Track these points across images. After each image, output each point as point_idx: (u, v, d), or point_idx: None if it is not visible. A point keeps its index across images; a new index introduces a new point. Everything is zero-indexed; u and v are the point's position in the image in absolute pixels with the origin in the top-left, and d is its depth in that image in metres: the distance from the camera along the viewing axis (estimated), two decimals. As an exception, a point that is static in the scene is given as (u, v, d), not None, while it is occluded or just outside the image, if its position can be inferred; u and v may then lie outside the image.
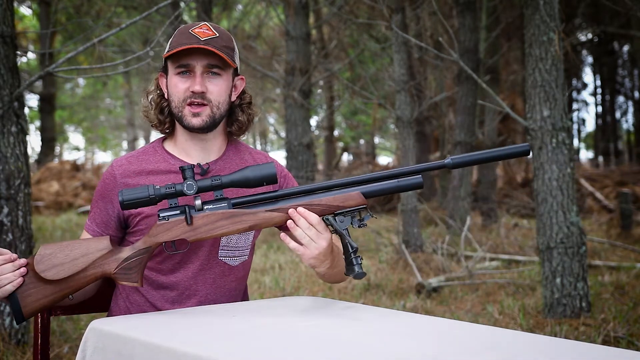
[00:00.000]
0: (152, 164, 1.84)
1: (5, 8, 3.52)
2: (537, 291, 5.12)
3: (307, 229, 1.62)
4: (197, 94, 1.76)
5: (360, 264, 1.59)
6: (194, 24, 1.81)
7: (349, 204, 1.62)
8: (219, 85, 1.80)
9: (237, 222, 1.63)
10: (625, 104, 26.74)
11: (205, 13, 8.80)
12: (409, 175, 1.61)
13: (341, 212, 1.62)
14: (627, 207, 8.46)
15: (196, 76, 1.77)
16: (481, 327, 1.55)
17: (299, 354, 1.32)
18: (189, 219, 1.63)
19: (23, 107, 3.62)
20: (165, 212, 1.66)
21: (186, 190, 1.63)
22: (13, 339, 3.52)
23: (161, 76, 1.87)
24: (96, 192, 1.85)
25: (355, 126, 19.21)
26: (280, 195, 1.65)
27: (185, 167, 1.65)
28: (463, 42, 8.69)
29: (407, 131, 7.02)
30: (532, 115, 4.32)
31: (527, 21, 4.35)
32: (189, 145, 1.85)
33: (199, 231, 1.64)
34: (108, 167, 1.86)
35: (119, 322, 1.62)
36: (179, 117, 1.80)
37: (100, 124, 29.63)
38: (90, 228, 1.84)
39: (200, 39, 1.75)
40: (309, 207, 1.62)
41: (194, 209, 1.65)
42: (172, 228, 1.65)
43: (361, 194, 1.62)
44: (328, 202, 1.62)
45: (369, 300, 5.06)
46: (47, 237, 8.88)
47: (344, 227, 1.61)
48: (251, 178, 1.63)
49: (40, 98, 16.64)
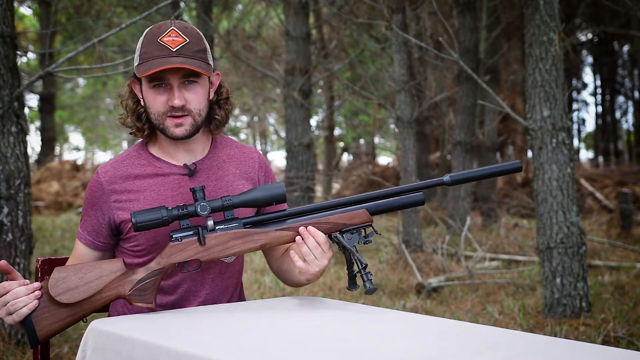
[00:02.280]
0: (138, 168, 1.83)
1: (5, 8, 3.52)
2: (537, 291, 5.12)
3: (314, 247, 1.66)
4: (178, 108, 1.75)
5: (370, 280, 1.62)
6: (162, 27, 1.76)
7: (355, 221, 1.67)
8: (197, 92, 1.77)
9: (249, 242, 1.67)
10: (625, 104, 26.75)
11: (205, 13, 8.80)
12: (410, 192, 1.68)
13: (348, 230, 1.66)
14: (627, 207, 8.46)
15: (173, 89, 1.74)
16: (481, 327, 1.55)
17: (299, 354, 1.32)
18: (202, 240, 1.66)
19: (23, 107, 3.62)
20: (178, 233, 1.68)
21: (199, 211, 1.65)
22: (13, 339, 3.52)
23: (134, 82, 1.83)
24: (85, 201, 1.84)
25: (356, 126, 19.21)
26: (289, 214, 1.69)
27: (196, 189, 1.67)
28: (463, 42, 8.69)
29: (407, 131, 7.02)
30: (532, 115, 4.32)
31: (527, 21, 4.35)
32: (173, 149, 1.84)
33: (212, 251, 1.67)
34: (94, 175, 1.84)
35: (119, 322, 1.62)
36: (161, 128, 1.78)
37: (100, 124, 29.62)
38: (82, 237, 1.83)
39: (172, 49, 1.71)
40: (317, 225, 1.66)
41: (206, 230, 1.67)
42: (185, 249, 1.67)
43: (367, 212, 1.67)
44: (335, 220, 1.66)
45: (369, 300, 5.06)
46: (47, 237, 8.88)
47: (352, 244, 1.66)
48: (260, 198, 1.68)
49: (40, 98, 16.65)
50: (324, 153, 18.26)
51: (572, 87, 21.13)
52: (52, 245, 8.06)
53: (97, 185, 1.82)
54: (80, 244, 1.84)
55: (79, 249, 1.85)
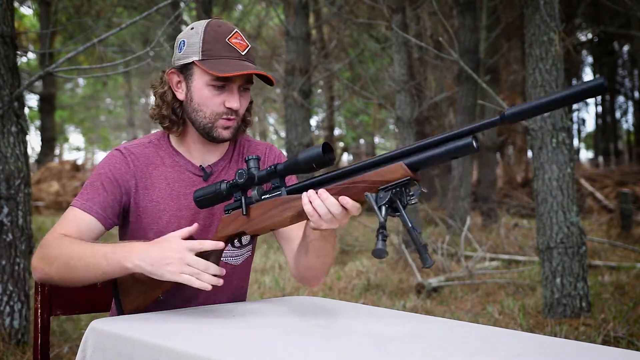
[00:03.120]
0: (159, 158, 1.81)
1: (5, 8, 3.52)
2: (537, 291, 5.12)
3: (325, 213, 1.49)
4: (234, 111, 1.74)
5: (383, 240, 1.38)
6: (223, 27, 1.74)
7: (389, 177, 1.41)
8: (247, 99, 1.79)
9: (287, 209, 1.55)
10: (625, 104, 26.77)
11: (205, 13, 8.80)
12: (458, 139, 1.34)
13: (384, 187, 1.41)
14: (627, 207, 8.46)
15: (233, 93, 1.73)
16: (481, 327, 1.55)
17: (299, 354, 1.32)
18: (244, 210, 1.61)
19: (23, 107, 3.62)
20: (230, 206, 1.65)
21: (237, 178, 1.61)
22: (13, 339, 3.52)
23: (173, 73, 1.77)
24: (100, 175, 1.75)
25: (356, 126, 19.22)
26: (326, 179, 1.52)
27: (249, 158, 1.61)
28: (463, 42, 8.69)
29: (407, 131, 7.02)
30: (532, 115, 4.31)
31: (527, 21, 4.35)
32: (197, 147, 1.82)
33: (254, 222, 1.60)
34: (114, 152, 1.78)
35: (119, 322, 1.62)
36: (208, 127, 1.75)
37: (100, 124, 29.64)
38: (92, 209, 1.71)
39: (241, 52, 1.72)
40: (352, 185, 1.46)
41: (252, 200, 1.61)
42: (233, 221, 1.63)
43: (404, 165, 1.39)
44: (369, 178, 1.43)
45: (369, 300, 5.06)
46: (47, 237, 8.87)
47: (381, 203, 1.39)
48: (300, 161, 1.53)
49: (40, 98, 16.65)
50: (324, 153, 18.24)
51: (572, 87, 21.08)
52: (52, 245, 8.05)
53: (122, 162, 1.76)
54: (87, 216, 1.71)
55: (84, 221, 1.71)
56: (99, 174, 1.76)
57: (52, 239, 1.67)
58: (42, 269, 1.66)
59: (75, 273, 1.62)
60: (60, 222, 1.72)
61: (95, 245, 1.63)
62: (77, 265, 1.61)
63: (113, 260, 1.57)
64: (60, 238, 1.66)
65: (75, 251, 1.61)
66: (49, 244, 1.67)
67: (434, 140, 1.37)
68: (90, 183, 1.75)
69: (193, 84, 1.74)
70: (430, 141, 1.37)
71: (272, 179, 1.59)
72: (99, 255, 1.59)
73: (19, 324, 3.54)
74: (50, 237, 1.68)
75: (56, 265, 1.63)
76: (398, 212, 1.40)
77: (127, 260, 1.56)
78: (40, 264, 1.66)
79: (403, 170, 1.39)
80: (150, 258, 1.54)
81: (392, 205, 1.40)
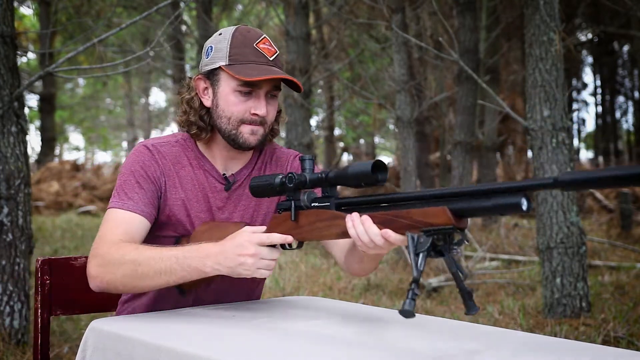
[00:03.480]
0: (185, 158, 1.78)
1: (5, 8, 3.52)
2: (537, 291, 5.12)
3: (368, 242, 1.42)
4: (260, 117, 1.70)
5: (412, 299, 1.24)
6: (251, 32, 1.72)
7: (432, 220, 1.30)
8: (275, 106, 1.75)
9: (333, 226, 1.48)
10: (625, 104, 26.78)
11: (205, 13, 8.80)
12: (508, 194, 1.22)
13: (426, 230, 1.31)
14: (627, 207, 8.46)
15: (260, 99, 1.69)
16: (481, 327, 1.55)
17: (299, 354, 1.32)
18: (292, 216, 1.55)
19: (23, 107, 3.62)
20: (282, 205, 1.59)
21: (282, 180, 1.56)
22: (13, 339, 3.52)
23: (199, 80, 1.75)
24: (134, 173, 1.71)
25: (356, 126, 19.22)
26: (373, 201, 1.45)
27: (305, 158, 1.57)
28: (463, 42, 8.68)
29: (407, 131, 7.02)
30: (532, 115, 4.32)
31: (527, 21, 4.35)
32: (222, 154, 1.79)
33: (302, 230, 1.54)
34: (141, 149, 1.75)
35: (119, 322, 1.62)
36: (233, 133, 1.71)
37: (100, 124, 29.64)
38: (137, 208, 1.68)
39: (269, 58, 1.69)
40: (396, 218, 1.37)
41: (302, 206, 1.54)
42: (281, 223, 1.57)
43: (448, 212, 1.28)
44: (413, 215, 1.34)
45: (369, 300, 5.06)
46: (47, 237, 8.88)
47: (420, 250, 1.27)
48: (350, 176, 1.44)
49: (40, 98, 16.66)
50: (324, 153, 18.27)
51: (572, 87, 21.13)
52: (52, 245, 8.06)
53: (151, 159, 1.73)
54: (133, 216, 1.68)
55: (132, 221, 1.68)
56: (131, 172, 1.72)
57: (108, 245, 1.62)
58: (104, 277, 1.61)
59: (144, 279, 1.58)
60: (107, 227, 1.67)
61: (162, 250, 1.59)
62: (147, 272, 1.57)
63: (187, 264, 1.55)
64: (119, 244, 1.62)
65: (142, 257, 1.58)
66: (107, 252, 1.61)
67: (482, 190, 1.26)
68: (125, 182, 1.71)
69: (219, 90, 1.71)
70: (479, 189, 1.27)
71: (320, 186, 1.53)
72: (171, 261, 1.56)
73: (19, 324, 3.54)
74: (105, 244, 1.63)
75: (121, 272, 1.59)
76: (441, 256, 1.31)
77: (204, 265, 1.54)
78: (101, 273, 1.61)
79: (446, 217, 1.28)
80: (227, 260, 1.53)
81: (435, 248, 1.30)
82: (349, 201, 1.49)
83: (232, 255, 1.52)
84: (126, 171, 1.72)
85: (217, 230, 1.68)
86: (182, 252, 1.57)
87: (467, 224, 1.31)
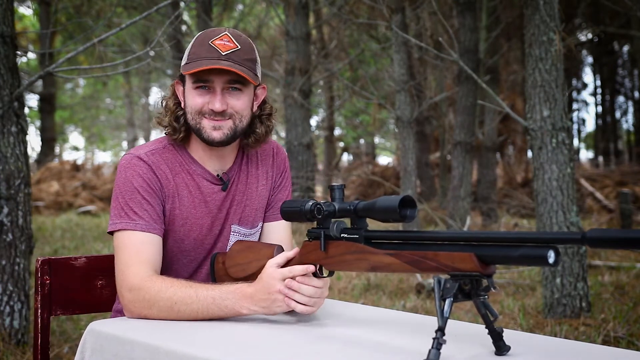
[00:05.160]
0: (177, 164, 1.79)
1: (5, 8, 3.52)
2: (537, 291, 5.12)
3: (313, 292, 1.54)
4: (218, 113, 1.70)
5: (437, 348, 1.20)
6: (215, 31, 1.74)
7: (459, 265, 1.27)
8: (241, 99, 1.73)
9: (362, 260, 1.45)
10: (625, 104, 26.78)
11: (205, 13, 8.80)
12: (536, 246, 1.19)
13: (454, 275, 1.27)
14: (627, 207, 8.46)
15: (216, 93, 1.70)
16: (481, 327, 1.55)
17: (299, 354, 1.32)
18: (322, 246, 1.54)
19: (23, 107, 3.62)
20: (312, 233, 1.57)
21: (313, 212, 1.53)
22: (13, 339, 3.52)
23: (177, 84, 1.80)
24: (138, 189, 1.71)
25: (356, 126, 19.22)
26: (405, 237, 1.41)
27: (335, 187, 1.53)
28: (463, 42, 8.69)
29: (407, 131, 7.02)
30: (532, 115, 4.32)
31: (527, 21, 4.35)
32: (206, 154, 1.80)
33: (332, 260, 1.52)
34: (136, 162, 1.73)
35: (118, 323, 1.61)
36: (197, 129, 1.73)
37: (100, 124, 29.65)
38: (152, 227, 1.70)
39: (221, 52, 1.68)
40: (423, 259, 1.33)
41: (331, 236, 1.52)
42: (313, 251, 1.56)
43: (474, 258, 1.25)
44: (440, 258, 1.30)
45: (369, 300, 5.06)
46: (47, 237, 8.88)
47: (446, 295, 1.24)
48: (377, 209, 1.40)
49: (40, 98, 16.67)
50: (324, 153, 18.28)
51: (572, 87, 21.14)
52: (52, 245, 8.06)
53: (149, 171, 1.73)
54: (151, 237, 1.69)
55: (152, 242, 1.70)
56: (134, 188, 1.71)
57: (140, 279, 1.63)
58: (140, 312, 1.63)
59: (180, 317, 1.60)
60: (128, 254, 1.67)
61: (197, 289, 1.59)
62: (183, 310, 1.59)
63: (224, 306, 1.58)
64: (152, 279, 1.63)
65: (178, 295, 1.59)
66: (141, 287, 1.62)
67: (511, 237, 1.23)
68: (131, 199, 1.70)
69: (185, 89, 1.76)
70: (507, 236, 1.24)
71: (348, 217, 1.51)
72: (207, 301, 1.58)
73: (19, 324, 3.54)
74: (135, 276, 1.63)
75: (156, 309, 1.60)
76: (469, 299, 1.29)
77: (241, 307, 1.57)
78: (136, 308, 1.63)
79: (473, 264, 1.25)
80: (260, 301, 1.56)
81: (462, 292, 1.28)
82: (378, 235, 1.45)
83: (263, 296, 1.56)
84: (127, 187, 1.71)
85: (250, 252, 1.71)
86: (219, 293, 1.58)
87: (494, 271, 1.27)
